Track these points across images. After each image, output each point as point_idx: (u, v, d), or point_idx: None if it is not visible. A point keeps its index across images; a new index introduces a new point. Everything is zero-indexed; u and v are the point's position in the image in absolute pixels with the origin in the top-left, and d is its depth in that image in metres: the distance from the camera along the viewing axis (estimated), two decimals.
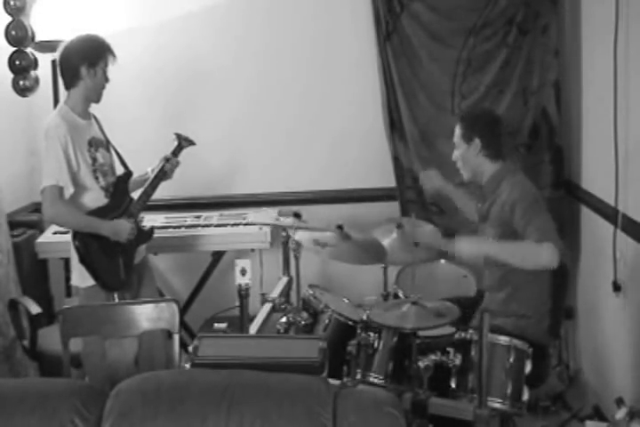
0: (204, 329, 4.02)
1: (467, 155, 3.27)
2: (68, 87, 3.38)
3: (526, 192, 3.16)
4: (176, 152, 3.63)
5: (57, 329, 2.93)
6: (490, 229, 3.26)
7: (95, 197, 3.38)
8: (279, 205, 4.31)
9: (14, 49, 3.84)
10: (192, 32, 4.32)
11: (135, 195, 3.55)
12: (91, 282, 3.35)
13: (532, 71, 4.16)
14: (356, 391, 2.45)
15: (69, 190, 3.28)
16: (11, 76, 3.89)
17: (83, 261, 3.33)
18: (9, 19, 3.83)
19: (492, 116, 3.42)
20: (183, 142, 3.65)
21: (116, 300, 3.37)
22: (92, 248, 3.34)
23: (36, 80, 3.95)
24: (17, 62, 3.83)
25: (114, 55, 3.38)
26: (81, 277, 3.38)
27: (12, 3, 3.76)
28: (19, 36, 3.79)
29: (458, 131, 3.30)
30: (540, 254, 2.98)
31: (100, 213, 3.37)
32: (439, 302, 2.98)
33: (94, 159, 3.38)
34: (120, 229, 3.37)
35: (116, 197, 3.45)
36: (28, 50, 3.87)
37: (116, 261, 3.39)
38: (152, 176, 3.58)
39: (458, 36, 4.15)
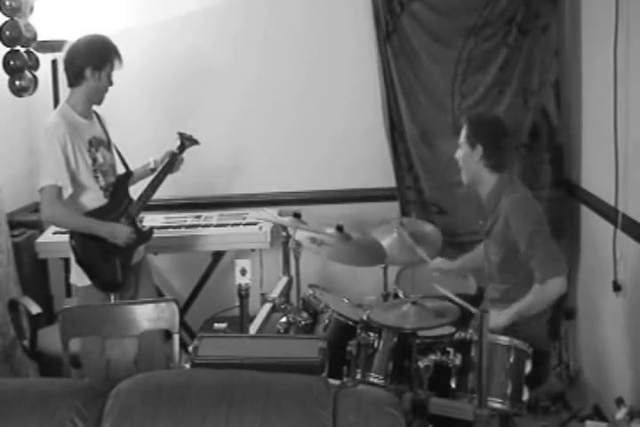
0: (204, 329, 4.01)
1: (468, 158, 3.23)
2: (71, 85, 3.38)
3: (527, 214, 3.13)
4: (180, 151, 3.63)
5: (57, 329, 2.93)
6: (493, 245, 3.24)
7: (94, 197, 3.38)
8: (279, 205, 4.30)
9: (8, 49, 3.84)
10: (192, 32, 4.32)
11: (134, 192, 3.54)
12: (88, 281, 3.35)
13: (532, 71, 4.16)
14: (356, 391, 2.44)
15: (68, 190, 3.28)
16: (7, 76, 3.88)
17: (79, 261, 3.33)
18: (4, 19, 3.82)
19: (499, 127, 3.26)
20: (186, 142, 3.65)
21: (113, 300, 3.37)
22: (88, 249, 3.34)
23: (33, 80, 3.95)
24: (11, 63, 3.83)
25: (120, 60, 3.37)
26: (78, 277, 3.38)
27: (7, 3, 3.76)
28: (13, 36, 3.78)
29: (464, 132, 3.24)
30: (546, 294, 3.05)
31: (99, 213, 3.36)
32: (439, 301, 2.98)
33: (94, 159, 3.37)
34: (118, 232, 3.36)
35: (116, 198, 3.44)
36: (23, 50, 3.86)
37: (113, 262, 3.39)
38: (155, 174, 3.57)
39: (458, 36, 4.14)
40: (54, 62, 3.99)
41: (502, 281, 3.25)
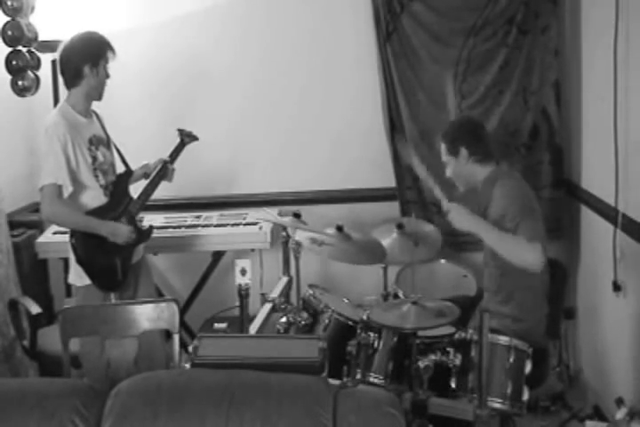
0: (204, 329, 4.01)
1: (457, 168, 3.30)
2: (69, 87, 3.38)
3: (518, 197, 3.15)
4: (174, 154, 3.63)
5: (57, 329, 2.93)
6: None
7: (94, 196, 3.37)
8: (279, 205, 4.30)
9: (11, 49, 3.84)
10: (192, 32, 4.32)
11: (134, 192, 3.54)
12: (87, 281, 3.34)
13: (531, 71, 4.16)
14: (356, 391, 2.45)
15: (68, 189, 3.27)
16: (9, 76, 3.89)
17: (79, 260, 3.33)
18: (6, 19, 3.83)
19: (471, 122, 3.42)
20: (186, 139, 3.65)
21: (113, 299, 3.37)
22: (89, 247, 3.34)
23: (35, 80, 3.95)
24: (13, 62, 3.84)
25: (114, 51, 3.38)
26: (77, 276, 3.37)
27: (9, 3, 3.76)
28: (15, 36, 3.79)
29: (443, 148, 3.34)
30: (527, 251, 2.99)
31: (99, 212, 3.36)
32: (439, 301, 2.98)
33: (94, 158, 3.37)
34: (119, 231, 3.36)
35: (116, 196, 3.44)
36: (25, 50, 3.87)
37: (113, 262, 3.38)
38: (151, 176, 3.58)
39: (458, 36, 4.14)
40: (54, 62, 3.99)
41: (496, 266, 3.26)
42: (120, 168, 3.56)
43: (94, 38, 3.37)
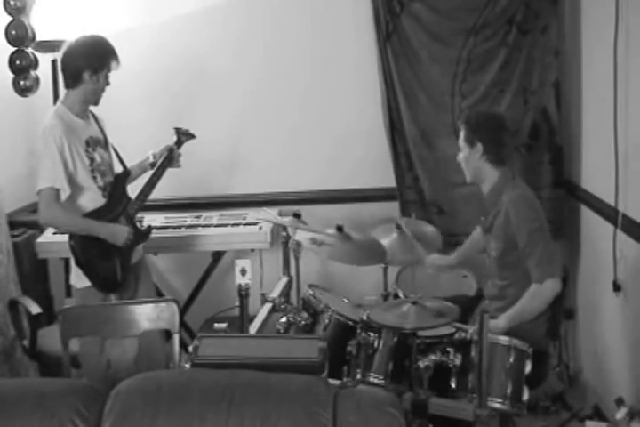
0: (204, 329, 4.02)
1: (470, 158, 3.26)
2: (67, 87, 3.37)
3: (528, 211, 3.14)
4: (177, 146, 3.63)
5: (57, 329, 2.94)
6: (493, 241, 3.26)
7: (93, 197, 3.36)
8: (279, 205, 4.30)
9: (14, 49, 3.85)
10: (193, 32, 4.32)
11: (133, 191, 3.53)
12: (87, 283, 3.34)
13: (531, 71, 4.16)
14: (356, 391, 2.45)
15: (66, 192, 3.26)
16: (11, 76, 3.89)
17: (78, 262, 3.32)
18: (9, 19, 3.83)
19: (497, 121, 3.31)
20: (182, 137, 3.64)
21: (113, 300, 3.36)
22: (88, 249, 3.33)
23: (37, 80, 3.96)
24: (17, 62, 3.84)
25: (118, 61, 3.35)
26: (78, 278, 3.37)
27: (12, 3, 3.77)
28: (19, 35, 3.80)
29: (462, 134, 3.28)
30: (544, 294, 3.06)
31: (97, 214, 3.35)
32: (439, 301, 2.98)
33: (92, 159, 3.36)
34: (117, 233, 3.35)
35: (114, 197, 3.43)
36: (29, 50, 3.87)
37: (113, 263, 3.38)
38: (152, 171, 3.56)
39: (458, 36, 4.14)
40: (54, 62, 3.99)
41: (501, 277, 3.27)
42: (118, 169, 3.55)
43: (99, 45, 3.34)
